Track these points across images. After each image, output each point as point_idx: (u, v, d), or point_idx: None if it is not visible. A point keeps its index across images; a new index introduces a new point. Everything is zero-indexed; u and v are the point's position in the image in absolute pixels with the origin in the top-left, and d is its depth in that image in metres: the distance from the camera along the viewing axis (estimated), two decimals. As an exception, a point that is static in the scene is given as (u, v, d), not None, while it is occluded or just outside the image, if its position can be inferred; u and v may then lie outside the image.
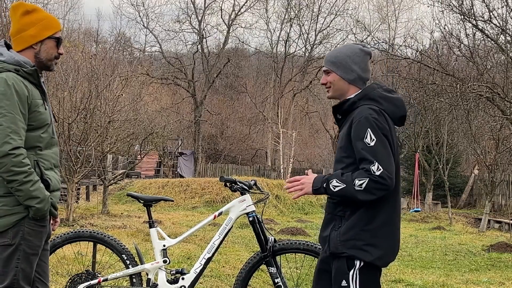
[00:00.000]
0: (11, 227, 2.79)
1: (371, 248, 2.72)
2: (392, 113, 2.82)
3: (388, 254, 2.79)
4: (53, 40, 2.96)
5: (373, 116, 2.71)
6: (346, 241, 2.73)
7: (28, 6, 2.98)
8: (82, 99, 11.40)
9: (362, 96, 2.83)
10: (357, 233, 2.73)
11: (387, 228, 2.77)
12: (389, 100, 2.83)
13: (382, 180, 2.64)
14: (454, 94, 13.01)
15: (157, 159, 29.12)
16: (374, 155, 2.66)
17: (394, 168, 2.69)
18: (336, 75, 2.89)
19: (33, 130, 2.86)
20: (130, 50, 40.41)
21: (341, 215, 2.79)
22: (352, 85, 2.88)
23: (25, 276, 2.85)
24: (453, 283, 6.64)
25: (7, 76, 2.77)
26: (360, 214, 2.73)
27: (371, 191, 2.65)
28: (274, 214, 15.44)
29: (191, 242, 8.52)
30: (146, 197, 4.25)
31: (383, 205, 2.75)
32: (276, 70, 35.27)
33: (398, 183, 2.80)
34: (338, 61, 2.88)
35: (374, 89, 2.85)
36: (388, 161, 2.67)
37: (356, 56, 2.88)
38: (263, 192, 4.20)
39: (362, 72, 2.88)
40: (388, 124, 2.75)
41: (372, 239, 2.72)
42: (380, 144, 2.68)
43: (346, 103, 2.86)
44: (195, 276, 4.00)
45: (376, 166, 2.64)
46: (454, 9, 11.37)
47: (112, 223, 10.68)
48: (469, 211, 20.67)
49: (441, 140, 17.35)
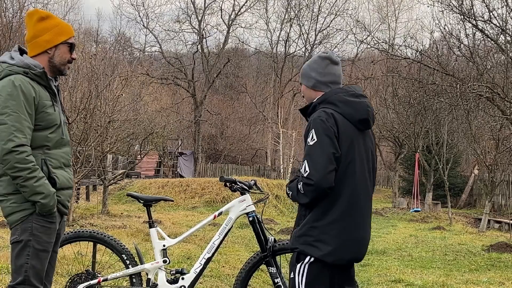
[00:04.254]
0: (20, 223, 2.92)
1: (320, 244, 2.85)
2: (350, 116, 2.94)
3: (340, 251, 2.88)
4: (66, 46, 3.10)
5: (321, 118, 2.86)
6: (299, 237, 2.91)
7: (43, 13, 3.10)
8: (82, 99, 11.39)
9: (322, 100, 3.00)
10: (308, 229, 2.89)
11: (337, 225, 2.87)
12: (349, 104, 2.95)
13: (309, 181, 2.79)
14: (454, 94, 13.00)
15: (157, 159, 29.13)
16: (308, 154, 2.83)
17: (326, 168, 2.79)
18: (304, 86, 3.15)
19: (41, 130, 2.97)
20: (130, 50, 40.48)
21: (303, 214, 2.97)
22: (316, 90, 3.07)
23: (35, 273, 2.94)
24: (453, 283, 6.64)
25: (15, 78, 2.90)
26: (313, 212, 2.90)
27: (306, 193, 2.83)
28: (274, 214, 15.44)
29: (191, 242, 8.52)
30: (146, 197, 4.25)
31: (334, 203, 2.87)
32: (276, 70, 35.29)
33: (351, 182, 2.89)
34: (302, 73, 3.16)
35: (336, 93, 2.99)
36: (320, 161, 2.79)
37: (314, 63, 3.11)
38: (263, 192, 4.21)
39: (320, 77, 3.06)
40: (338, 126, 2.86)
41: (321, 236, 2.86)
42: (318, 145, 2.81)
43: (310, 107, 3.05)
44: (195, 276, 4.01)
45: (304, 168, 2.82)
46: (454, 9, 11.36)
47: (112, 223, 10.68)
48: (469, 211, 20.67)
49: (441, 140, 17.35)
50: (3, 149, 2.82)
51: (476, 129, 14.64)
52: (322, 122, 2.84)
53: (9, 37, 14.68)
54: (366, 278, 6.77)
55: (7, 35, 14.67)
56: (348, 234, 2.89)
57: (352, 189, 2.91)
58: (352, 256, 2.95)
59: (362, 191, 2.95)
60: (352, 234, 2.91)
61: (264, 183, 17.19)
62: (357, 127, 2.96)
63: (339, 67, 3.11)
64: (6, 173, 2.89)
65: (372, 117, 3.02)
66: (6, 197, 2.94)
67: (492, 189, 14.26)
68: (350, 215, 2.90)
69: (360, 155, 2.95)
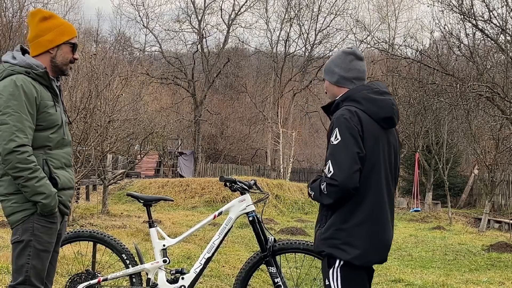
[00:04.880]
0: (21, 223, 2.92)
1: (347, 247, 2.77)
2: (374, 114, 2.86)
3: (369, 253, 2.81)
4: (68, 46, 3.10)
5: (344, 117, 2.78)
6: (325, 240, 2.82)
7: (45, 12, 3.10)
8: (82, 98, 11.39)
9: (346, 97, 2.92)
10: (335, 232, 2.80)
11: (364, 227, 2.79)
12: (373, 101, 2.87)
13: (333, 182, 2.72)
14: (454, 94, 13.00)
15: (157, 159, 29.14)
16: (332, 154, 2.76)
17: (351, 168, 2.72)
18: (326, 81, 3.06)
19: (42, 130, 2.97)
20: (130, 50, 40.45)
21: (325, 215, 2.88)
22: (340, 86, 2.99)
23: (36, 273, 2.94)
24: (453, 283, 6.64)
25: (16, 78, 2.90)
26: (338, 213, 2.81)
27: (329, 194, 2.75)
28: (274, 214, 15.44)
29: (191, 242, 8.52)
30: (146, 197, 4.25)
31: (360, 204, 2.79)
32: (276, 70, 35.27)
33: (377, 182, 2.82)
34: (325, 68, 3.07)
35: (360, 91, 2.90)
36: (345, 161, 2.72)
37: (338, 58, 3.01)
38: (263, 192, 4.20)
39: (344, 72, 2.97)
40: (362, 125, 2.79)
41: (348, 238, 2.78)
42: (342, 144, 2.74)
43: (332, 104, 2.97)
44: (195, 276, 4.00)
45: (328, 168, 2.75)
46: (454, 9, 11.36)
47: (112, 223, 10.68)
48: (469, 211, 20.67)
49: (441, 140, 17.35)
50: (5, 149, 2.82)
51: (476, 129, 14.64)
52: (346, 120, 2.76)
53: (9, 36, 14.68)
54: (366, 278, 6.76)
55: (7, 35, 14.67)
56: (375, 236, 2.82)
57: (377, 189, 2.84)
58: (380, 258, 2.88)
59: (386, 191, 2.88)
60: (379, 236, 2.84)
61: (264, 183, 17.19)
62: (381, 125, 2.88)
63: (363, 62, 3.02)
64: (7, 173, 2.89)
65: (397, 115, 2.94)
66: (7, 197, 2.94)
67: (492, 189, 14.26)
68: (377, 216, 2.83)
69: (384, 154, 2.87)
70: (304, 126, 39.59)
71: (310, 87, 35.44)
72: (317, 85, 36.52)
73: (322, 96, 36.77)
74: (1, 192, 2.96)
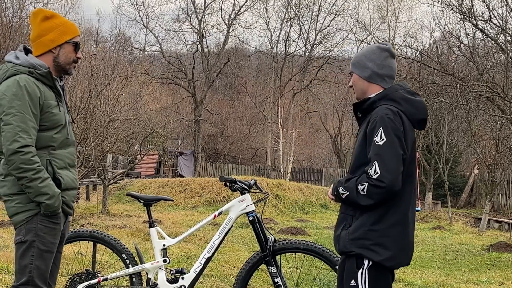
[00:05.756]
0: (24, 224, 2.91)
1: (379, 248, 2.70)
2: (412, 116, 2.81)
3: (400, 256, 2.76)
4: (71, 45, 3.08)
5: (388, 116, 2.71)
6: (354, 240, 2.74)
7: (47, 12, 3.09)
8: (82, 98, 11.40)
9: (383, 96, 2.84)
10: (366, 232, 2.72)
11: (397, 228, 2.74)
12: (410, 102, 2.82)
13: (380, 183, 2.64)
14: (454, 94, 13.00)
15: (157, 158, 29.12)
16: (378, 154, 2.67)
17: (398, 170, 2.67)
18: (355, 75, 2.94)
19: (46, 130, 2.96)
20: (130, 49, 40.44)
21: (352, 214, 2.80)
22: (372, 83, 2.89)
23: (40, 273, 2.93)
24: (453, 282, 6.64)
25: (20, 78, 2.89)
26: (369, 213, 2.73)
27: (371, 195, 2.67)
28: (274, 214, 15.44)
29: (191, 242, 8.52)
30: (146, 197, 4.25)
31: (393, 205, 2.74)
32: (276, 69, 35.27)
33: (411, 184, 2.79)
34: (356, 61, 2.95)
35: (396, 90, 2.85)
36: (392, 162, 2.66)
37: (371, 53, 2.91)
38: (263, 192, 4.20)
39: (377, 68, 2.88)
40: (404, 126, 2.74)
41: (381, 239, 2.71)
42: (388, 144, 2.67)
43: (367, 102, 2.87)
44: (195, 276, 4.00)
45: (374, 169, 2.66)
46: (454, 9, 11.36)
47: (112, 222, 10.68)
48: (469, 210, 20.68)
49: (441, 140, 17.35)
50: (8, 149, 2.81)
51: (476, 129, 14.65)
52: (390, 120, 2.69)
53: (9, 36, 14.68)
54: (366, 277, 6.76)
55: (7, 35, 14.66)
56: (406, 238, 2.78)
57: (410, 191, 2.80)
58: (408, 260, 2.84)
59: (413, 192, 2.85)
60: (409, 238, 2.80)
61: (264, 182, 17.19)
62: (415, 127, 2.85)
63: (395, 61, 2.96)
64: (10, 173, 2.88)
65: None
66: (11, 197, 2.93)
67: (492, 189, 14.26)
68: (408, 218, 2.80)
69: (415, 155, 2.86)
70: (304, 126, 39.59)
71: (310, 87, 35.43)
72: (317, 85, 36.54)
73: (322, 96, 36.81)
74: (4, 192, 2.96)
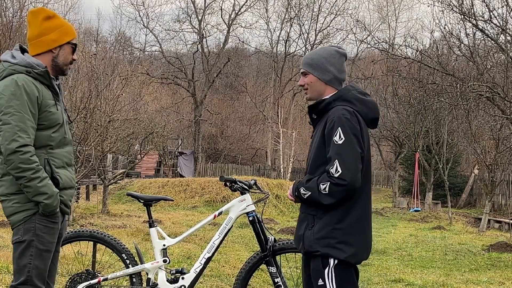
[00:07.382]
0: (23, 223, 2.91)
1: (344, 245, 2.79)
2: (365, 115, 2.90)
3: (361, 251, 2.87)
4: (70, 46, 3.10)
5: (346, 116, 2.79)
6: (320, 239, 2.81)
7: (49, 12, 3.09)
8: (82, 98, 11.39)
9: (338, 97, 2.91)
10: (330, 231, 2.80)
11: (359, 225, 2.84)
12: (363, 102, 2.91)
13: (341, 181, 2.72)
14: (454, 94, 13.00)
15: (157, 158, 29.12)
16: (338, 153, 2.75)
17: (358, 168, 2.76)
18: (313, 76, 2.97)
19: (44, 129, 2.96)
20: (130, 49, 40.44)
21: (313, 214, 2.86)
22: (329, 85, 2.97)
23: (38, 273, 2.93)
24: (453, 282, 6.64)
25: (17, 77, 2.89)
26: (332, 213, 2.81)
27: (333, 194, 2.74)
28: (274, 214, 15.44)
29: (191, 242, 8.51)
30: (146, 197, 4.25)
31: (355, 203, 2.82)
32: (276, 69, 35.27)
33: (368, 181, 2.90)
34: (315, 63, 2.97)
35: (350, 91, 2.93)
36: (351, 161, 2.74)
37: (332, 57, 2.97)
38: (263, 192, 4.20)
39: (338, 73, 2.97)
40: (360, 125, 2.83)
41: (345, 237, 2.79)
42: (347, 144, 2.75)
43: (322, 103, 2.95)
44: (195, 276, 4.00)
45: (335, 168, 2.73)
46: (454, 9, 11.35)
47: (112, 222, 10.68)
48: (469, 210, 20.67)
49: (441, 140, 17.34)
50: (7, 149, 2.81)
51: (476, 129, 14.63)
52: (347, 120, 2.78)
53: (9, 36, 14.69)
54: (366, 277, 6.77)
55: (7, 35, 14.67)
56: (366, 233, 2.89)
57: (368, 188, 2.91)
58: (367, 255, 2.94)
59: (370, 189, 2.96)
60: (368, 234, 2.92)
61: (264, 182, 17.18)
62: (369, 126, 2.95)
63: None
64: (8, 172, 2.88)
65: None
66: (8, 197, 2.93)
67: (492, 189, 14.24)
68: (368, 215, 2.91)
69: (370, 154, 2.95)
70: (304, 126, 39.56)
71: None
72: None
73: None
74: (2, 192, 2.95)
